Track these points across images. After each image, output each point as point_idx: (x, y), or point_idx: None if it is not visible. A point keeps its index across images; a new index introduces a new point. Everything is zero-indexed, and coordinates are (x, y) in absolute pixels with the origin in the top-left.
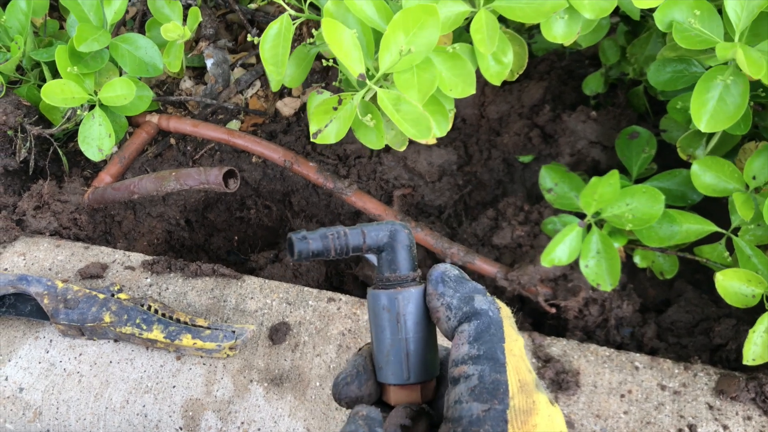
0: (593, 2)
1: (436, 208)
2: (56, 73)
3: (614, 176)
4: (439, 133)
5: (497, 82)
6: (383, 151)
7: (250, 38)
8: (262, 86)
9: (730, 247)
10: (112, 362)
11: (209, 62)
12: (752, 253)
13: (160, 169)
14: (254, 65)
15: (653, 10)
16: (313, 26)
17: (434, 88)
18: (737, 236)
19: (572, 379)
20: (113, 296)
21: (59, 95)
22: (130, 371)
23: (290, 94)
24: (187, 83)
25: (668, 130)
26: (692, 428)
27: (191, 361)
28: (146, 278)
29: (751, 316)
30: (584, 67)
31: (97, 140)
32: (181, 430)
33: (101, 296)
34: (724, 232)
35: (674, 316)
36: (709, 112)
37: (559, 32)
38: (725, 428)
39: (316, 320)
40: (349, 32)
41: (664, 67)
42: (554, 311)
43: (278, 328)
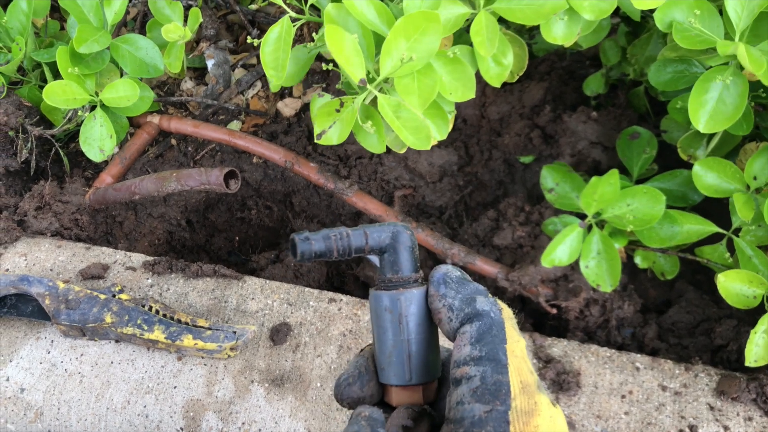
0: (593, 3)
1: (437, 208)
2: (57, 74)
3: (614, 176)
4: (438, 136)
5: (497, 83)
6: (384, 151)
7: (250, 40)
8: (263, 87)
9: (730, 247)
10: (113, 363)
11: (210, 63)
12: (753, 253)
13: (161, 169)
14: (255, 66)
15: (654, 10)
16: (314, 28)
17: (435, 94)
18: (738, 237)
19: (573, 379)
20: (114, 297)
21: (61, 96)
22: (131, 372)
23: (291, 94)
24: (188, 84)
25: (669, 130)
26: (693, 429)
27: (192, 361)
28: (147, 279)
29: (751, 317)
30: (585, 67)
31: (98, 141)
32: (182, 430)
33: (102, 297)
34: (724, 232)
35: (675, 316)
36: (708, 112)
37: (559, 33)
38: (726, 429)
39: (317, 321)
40: (350, 37)
41: (664, 67)
42: (555, 312)
43: (279, 328)
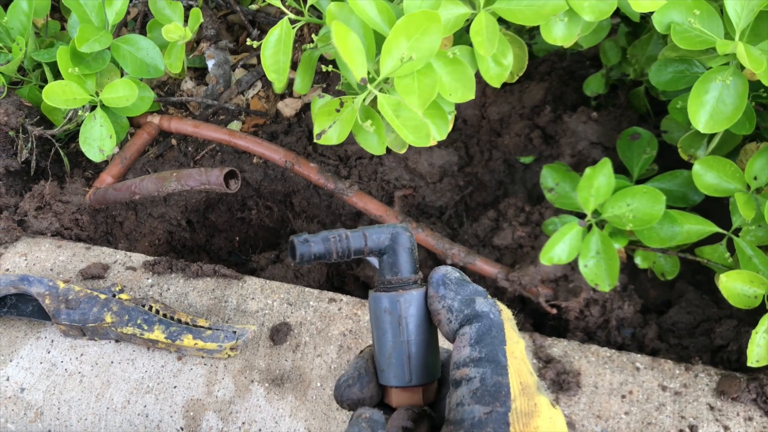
0: (593, 4)
1: (437, 208)
2: (58, 74)
3: (606, 165)
4: (438, 137)
5: (497, 84)
6: (384, 153)
7: (249, 42)
8: (263, 87)
9: (730, 247)
10: (113, 362)
11: (210, 63)
12: (753, 253)
13: (161, 169)
14: (255, 66)
15: (653, 12)
16: (313, 29)
17: (435, 93)
18: (738, 237)
19: (573, 379)
20: (114, 297)
21: (61, 96)
22: (131, 371)
23: (291, 95)
24: (188, 84)
25: (669, 130)
26: (693, 429)
27: (192, 361)
28: (147, 279)
29: (752, 317)
30: (585, 68)
31: (98, 141)
32: (182, 430)
33: (102, 297)
34: (725, 232)
35: (675, 317)
36: (708, 112)
37: (559, 34)
38: (726, 429)
39: (317, 321)
40: (354, 35)
41: (665, 67)
42: (555, 312)
43: (279, 328)
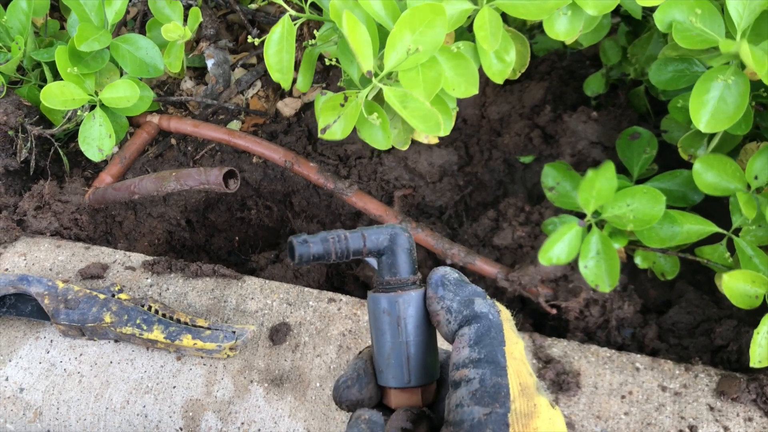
0: None
1: (436, 208)
2: (57, 73)
3: (610, 169)
4: (442, 132)
5: (500, 80)
6: (384, 151)
7: (250, 39)
8: (262, 86)
9: (731, 247)
10: (112, 362)
11: (210, 62)
12: (753, 253)
13: (160, 169)
14: (255, 65)
15: (655, 9)
16: (314, 26)
17: (440, 86)
18: (738, 237)
19: (573, 380)
20: (114, 296)
21: (59, 98)
22: (130, 371)
23: (291, 94)
24: (187, 83)
25: (669, 130)
26: (693, 429)
27: (191, 361)
28: (147, 278)
29: (752, 317)
30: (585, 67)
31: (97, 140)
32: (181, 430)
33: (102, 296)
34: (725, 232)
35: (675, 317)
36: (709, 112)
37: (561, 29)
38: (726, 429)
39: (316, 321)
40: (362, 27)
41: (665, 66)
42: (555, 312)
43: (279, 328)
